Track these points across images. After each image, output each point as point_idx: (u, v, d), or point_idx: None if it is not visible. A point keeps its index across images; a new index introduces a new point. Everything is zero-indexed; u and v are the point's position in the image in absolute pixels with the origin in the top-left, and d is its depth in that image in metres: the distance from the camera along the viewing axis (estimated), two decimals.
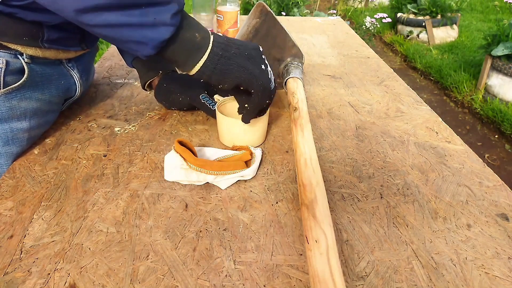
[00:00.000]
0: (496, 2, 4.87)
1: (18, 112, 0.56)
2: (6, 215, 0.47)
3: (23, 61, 0.55)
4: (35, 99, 0.58)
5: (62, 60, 0.64)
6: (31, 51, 0.55)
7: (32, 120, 0.58)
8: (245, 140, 0.60)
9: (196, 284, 0.39)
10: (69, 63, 0.65)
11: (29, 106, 0.57)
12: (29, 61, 0.56)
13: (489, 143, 2.22)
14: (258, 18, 0.74)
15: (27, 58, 0.55)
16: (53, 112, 0.65)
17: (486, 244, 0.45)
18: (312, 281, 0.35)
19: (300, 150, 0.52)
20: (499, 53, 2.45)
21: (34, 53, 0.56)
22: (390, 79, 0.89)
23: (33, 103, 0.58)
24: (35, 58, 0.57)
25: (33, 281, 0.39)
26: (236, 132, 0.60)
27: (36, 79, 0.58)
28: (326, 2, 5.07)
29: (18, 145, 0.58)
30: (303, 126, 0.57)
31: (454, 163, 0.59)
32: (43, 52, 0.57)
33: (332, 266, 0.36)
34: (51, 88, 0.61)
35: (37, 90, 0.58)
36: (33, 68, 0.57)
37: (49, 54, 0.58)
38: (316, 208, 0.42)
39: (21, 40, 0.53)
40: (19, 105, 0.56)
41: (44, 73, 0.59)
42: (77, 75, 0.68)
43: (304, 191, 0.45)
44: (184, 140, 0.53)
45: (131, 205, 0.49)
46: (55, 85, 0.62)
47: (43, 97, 0.60)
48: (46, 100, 0.61)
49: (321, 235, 0.39)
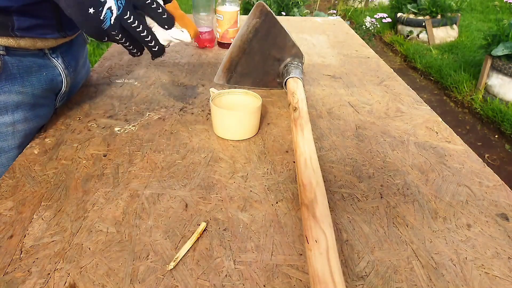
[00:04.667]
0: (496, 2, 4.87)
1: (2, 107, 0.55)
2: (6, 215, 0.47)
3: None
4: (15, 92, 0.57)
5: (45, 50, 0.62)
6: (3, 41, 0.53)
7: (16, 114, 0.57)
8: (238, 131, 0.63)
9: (196, 284, 0.39)
10: (53, 54, 0.63)
11: (9, 100, 0.56)
12: (4, 53, 0.54)
13: (489, 143, 2.22)
14: (258, 18, 0.74)
15: (1, 50, 0.53)
16: (42, 106, 0.63)
17: (486, 244, 0.45)
18: (312, 281, 0.35)
19: (300, 150, 0.52)
20: (499, 53, 2.45)
21: (7, 43, 0.54)
22: (390, 79, 0.89)
23: (13, 96, 0.57)
24: (11, 49, 0.55)
25: (33, 281, 0.39)
26: (229, 123, 0.62)
27: (13, 71, 0.56)
28: (326, 2, 5.07)
29: (3, 139, 0.57)
30: (303, 126, 0.58)
31: (454, 163, 0.59)
32: (17, 42, 0.55)
33: (332, 266, 0.36)
34: (32, 80, 0.60)
35: (16, 83, 0.57)
36: (8, 60, 0.55)
37: (24, 43, 0.56)
38: (316, 208, 0.42)
39: None
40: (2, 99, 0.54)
41: (22, 65, 0.58)
42: (62, 65, 0.66)
43: (304, 191, 0.45)
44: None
45: (131, 205, 0.49)
46: (36, 77, 0.60)
47: (24, 89, 0.58)
48: (29, 93, 0.59)
49: (321, 235, 0.39)
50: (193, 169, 0.56)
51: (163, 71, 0.91)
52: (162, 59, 0.98)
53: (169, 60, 0.98)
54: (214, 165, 0.57)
